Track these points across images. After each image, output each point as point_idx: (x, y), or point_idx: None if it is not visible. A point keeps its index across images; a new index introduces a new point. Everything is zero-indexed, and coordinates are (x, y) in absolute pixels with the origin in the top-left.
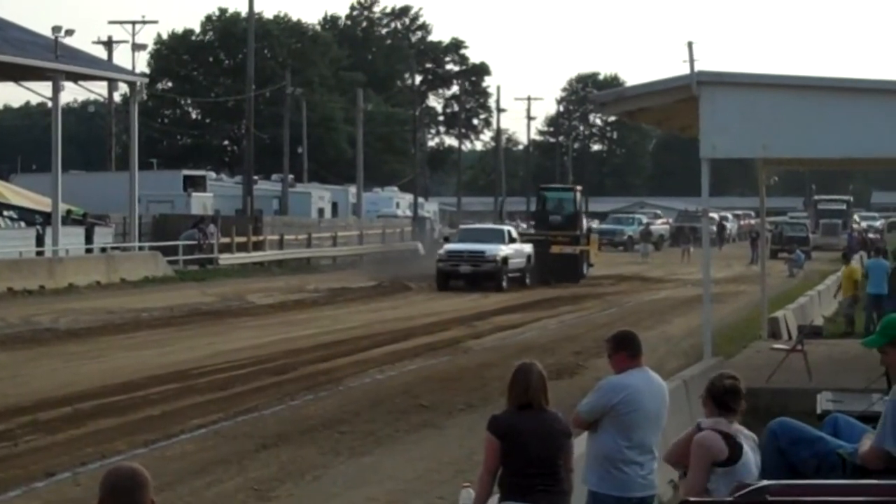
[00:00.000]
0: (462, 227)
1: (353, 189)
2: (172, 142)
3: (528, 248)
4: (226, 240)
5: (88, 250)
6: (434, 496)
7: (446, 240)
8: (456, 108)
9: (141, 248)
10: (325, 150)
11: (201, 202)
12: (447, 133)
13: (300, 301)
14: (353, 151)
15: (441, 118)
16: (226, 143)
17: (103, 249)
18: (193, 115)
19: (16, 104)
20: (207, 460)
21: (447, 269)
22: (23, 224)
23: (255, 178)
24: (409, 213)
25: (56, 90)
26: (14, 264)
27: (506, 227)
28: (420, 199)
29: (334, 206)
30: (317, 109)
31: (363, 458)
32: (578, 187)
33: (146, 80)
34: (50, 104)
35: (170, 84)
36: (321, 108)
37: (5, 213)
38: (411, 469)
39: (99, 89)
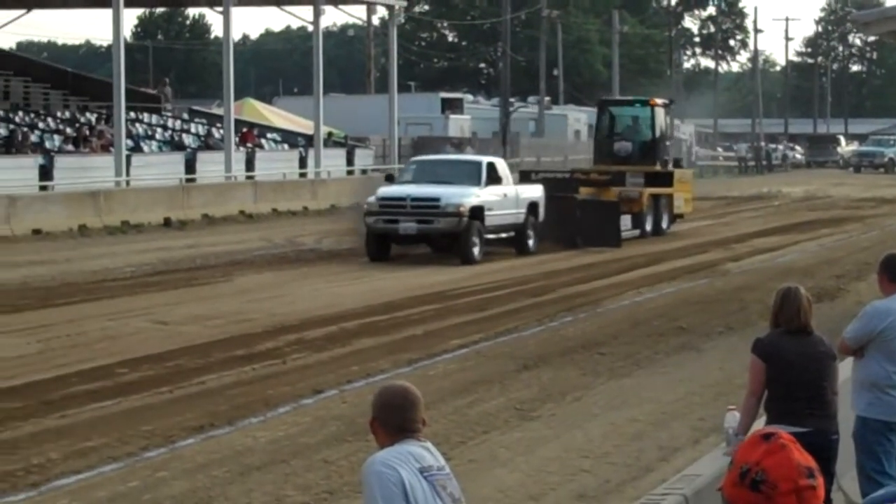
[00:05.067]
0: (416, 158)
1: None
2: (429, 65)
3: (531, 192)
4: None
5: (349, 172)
6: (695, 418)
7: (389, 179)
8: (712, 29)
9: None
10: (580, 72)
11: (459, 124)
12: (703, 54)
13: None
14: (608, 73)
15: (697, 39)
16: (482, 65)
17: (364, 171)
18: (450, 38)
19: (277, 28)
20: (470, 380)
21: (379, 229)
22: (286, 146)
23: (512, 100)
24: None
25: (317, 14)
26: (278, 186)
27: (485, 159)
28: (676, 121)
29: (590, 128)
30: (572, 31)
31: (623, 380)
32: (659, 101)
33: (404, 3)
34: (311, 28)
35: (427, 7)
36: (576, 30)
37: (269, 135)
38: (671, 391)
39: (358, 13)
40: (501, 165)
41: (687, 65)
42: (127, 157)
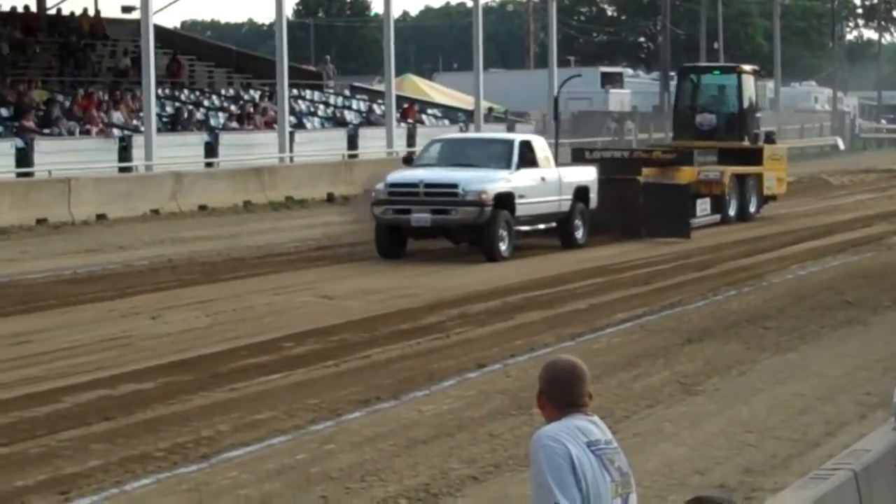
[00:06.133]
0: (439, 137)
1: (770, 84)
2: (589, 39)
3: (579, 175)
4: (643, 136)
5: None
6: (861, 393)
7: (407, 161)
8: (875, 0)
9: (560, 145)
10: (741, 45)
11: (619, 99)
12: (866, 26)
13: None
14: (769, 46)
15: (859, 11)
16: (641, 39)
17: None
18: (609, 12)
19: (436, 5)
20: (634, 353)
21: (389, 221)
22: (446, 122)
23: (671, 74)
24: (827, 107)
25: None
26: None
27: (518, 138)
28: (839, 94)
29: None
30: (733, 4)
31: (788, 354)
32: (747, 67)
33: None
34: (470, 4)
35: None
36: (737, 3)
37: (429, 111)
38: (837, 366)
39: None
40: (540, 144)
41: (849, 36)
42: (290, 134)
